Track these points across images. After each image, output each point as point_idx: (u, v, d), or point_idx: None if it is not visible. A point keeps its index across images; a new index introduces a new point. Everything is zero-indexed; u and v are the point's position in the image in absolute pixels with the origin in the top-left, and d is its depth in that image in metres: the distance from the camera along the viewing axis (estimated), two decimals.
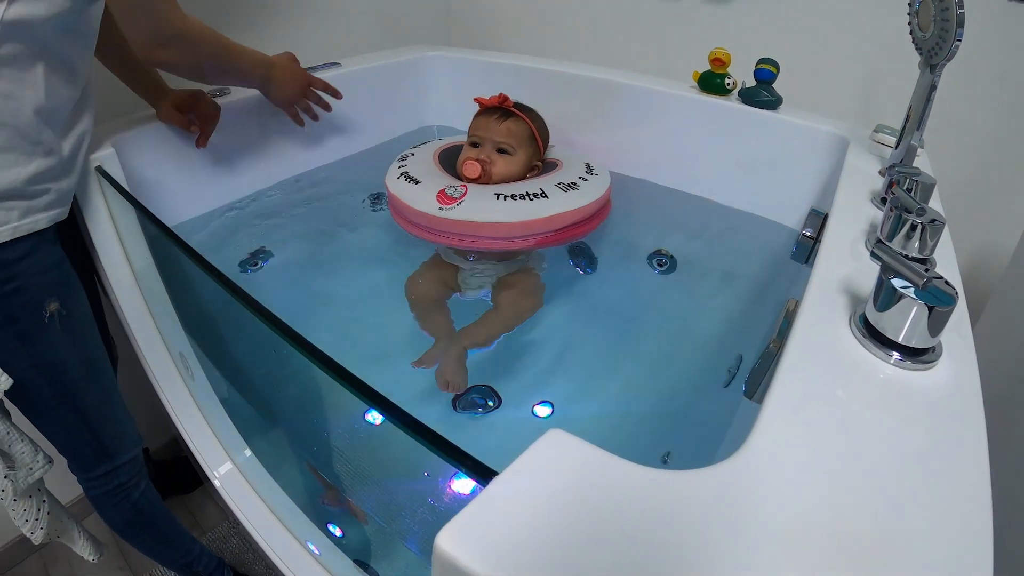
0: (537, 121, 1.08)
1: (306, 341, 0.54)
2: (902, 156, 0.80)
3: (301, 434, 0.90)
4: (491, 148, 1.03)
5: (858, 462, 0.39)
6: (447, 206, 0.94)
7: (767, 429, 0.41)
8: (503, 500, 0.33)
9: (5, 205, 0.69)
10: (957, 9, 0.70)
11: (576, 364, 0.98)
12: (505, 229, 0.94)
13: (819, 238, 0.77)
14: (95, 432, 0.88)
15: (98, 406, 0.87)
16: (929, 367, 0.49)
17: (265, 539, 0.87)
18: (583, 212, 0.99)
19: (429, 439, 0.38)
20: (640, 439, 0.85)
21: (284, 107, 1.13)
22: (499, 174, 1.02)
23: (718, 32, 1.34)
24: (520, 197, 0.95)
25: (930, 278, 0.48)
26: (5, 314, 0.72)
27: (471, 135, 1.06)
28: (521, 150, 1.04)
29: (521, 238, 0.96)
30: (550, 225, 0.96)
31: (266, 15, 1.35)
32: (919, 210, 0.60)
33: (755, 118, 1.05)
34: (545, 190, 0.97)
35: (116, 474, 0.92)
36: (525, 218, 0.94)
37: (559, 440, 0.37)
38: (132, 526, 0.99)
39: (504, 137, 1.02)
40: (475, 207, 0.94)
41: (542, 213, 0.95)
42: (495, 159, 1.02)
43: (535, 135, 1.06)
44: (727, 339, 0.95)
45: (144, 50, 0.85)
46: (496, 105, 1.06)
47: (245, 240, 1.11)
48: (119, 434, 0.92)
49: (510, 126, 1.03)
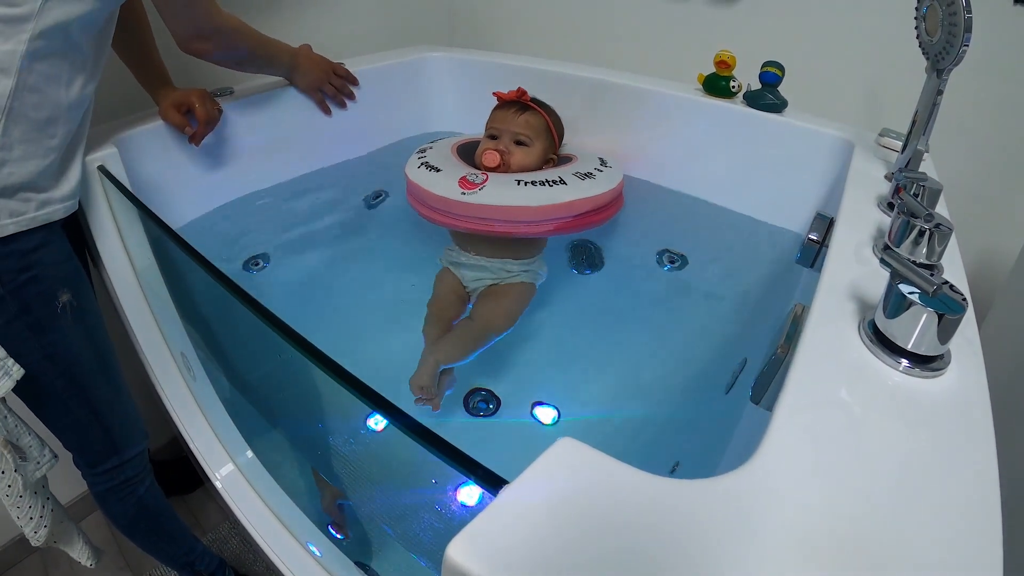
0: (553, 115, 1.11)
1: (309, 343, 0.54)
2: (908, 160, 0.80)
3: (303, 436, 0.89)
4: (509, 139, 1.06)
5: (868, 471, 0.39)
6: (469, 191, 0.98)
7: (777, 438, 0.40)
8: (514, 510, 0.33)
9: (23, 196, 0.71)
10: (965, 14, 0.70)
11: (579, 365, 0.98)
12: (527, 213, 0.98)
13: (825, 242, 0.77)
14: (105, 425, 0.89)
15: (108, 399, 0.88)
16: (938, 374, 0.49)
17: (266, 540, 0.86)
18: (600, 200, 1.02)
19: (438, 447, 0.38)
20: (644, 443, 0.85)
21: (311, 93, 1.21)
22: (517, 164, 1.05)
23: (723, 34, 1.34)
24: (540, 184, 0.99)
25: (940, 285, 0.47)
26: (20, 304, 0.73)
27: (489, 128, 1.09)
28: (538, 142, 1.06)
29: (541, 222, 0.99)
30: (569, 211, 0.99)
31: (267, 14, 1.35)
32: (927, 216, 0.60)
33: (760, 121, 1.05)
34: (563, 178, 1.00)
35: (123, 468, 0.93)
36: (545, 203, 0.97)
37: (570, 448, 0.37)
38: (136, 522, 0.99)
39: (522, 129, 1.05)
40: (497, 192, 0.97)
41: (561, 199, 0.98)
42: (513, 150, 1.05)
43: (551, 128, 1.09)
44: (731, 343, 0.95)
45: (185, 42, 0.93)
46: (514, 99, 1.09)
47: (247, 241, 1.11)
48: (128, 428, 0.92)
49: (528, 119, 1.06)
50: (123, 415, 0.91)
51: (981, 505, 0.38)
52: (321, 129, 1.27)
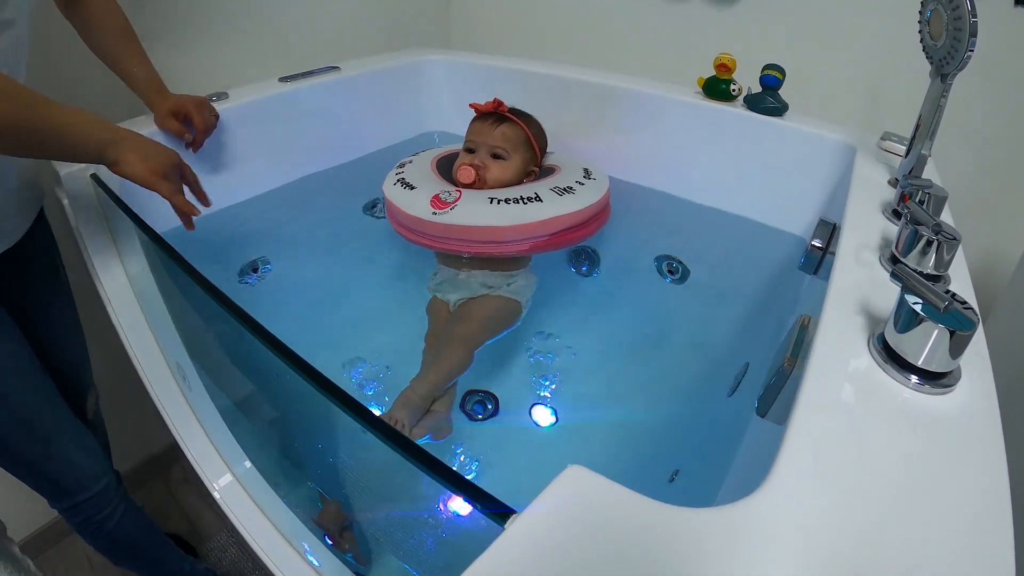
0: (533, 126, 1.07)
1: (299, 357, 0.53)
2: (912, 166, 0.79)
3: (300, 450, 0.88)
4: (486, 153, 1.02)
5: (880, 495, 0.38)
6: (440, 211, 0.94)
7: (790, 463, 0.40)
8: (523, 543, 0.32)
9: None
10: (970, 18, 0.69)
11: (578, 367, 0.97)
12: (498, 233, 0.93)
13: (828, 249, 0.76)
14: (44, 476, 0.87)
15: (41, 455, 0.86)
16: (948, 391, 0.48)
17: (265, 551, 0.85)
18: (579, 216, 0.98)
19: (443, 475, 0.37)
20: (644, 448, 0.84)
21: (146, 187, 0.83)
22: (494, 179, 1.01)
23: (723, 35, 1.33)
24: (514, 201, 0.94)
25: (951, 302, 0.47)
26: None
27: (466, 141, 1.05)
28: (516, 155, 1.02)
29: (515, 242, 0.95)
30: (544, 229, 0.95)
31: (262, 18, 1.33)
32: (935, 226, 0.60)
33: (761, 125, 1.04)
34: (540, 194, 0.96)
35: (81, 509, 0.92)
36: (518, 222, 0.93)
37: (579, 477, 0.36)
38: (112, 552, 0.99)
39: (498, 142, 1.01)
40: (468, 211, 0.93)
41: (536, 217, 0.93)
42: (489, 164, 1.01)
43: (530, 140, 1.05)
44: (733, 348, 0.95)
45: None
46: (491, 110, 1.05)
47: (243, 247, 1.09)
48: (72, 475, 0.90)
49: (504, 131, 1.02)
50: (64, 463, 0.89)
51: (995, 525, 0.37)
52: (318, 133, 1.25)
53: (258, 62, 1.34)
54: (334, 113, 1.18)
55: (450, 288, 1.00)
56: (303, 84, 1.22)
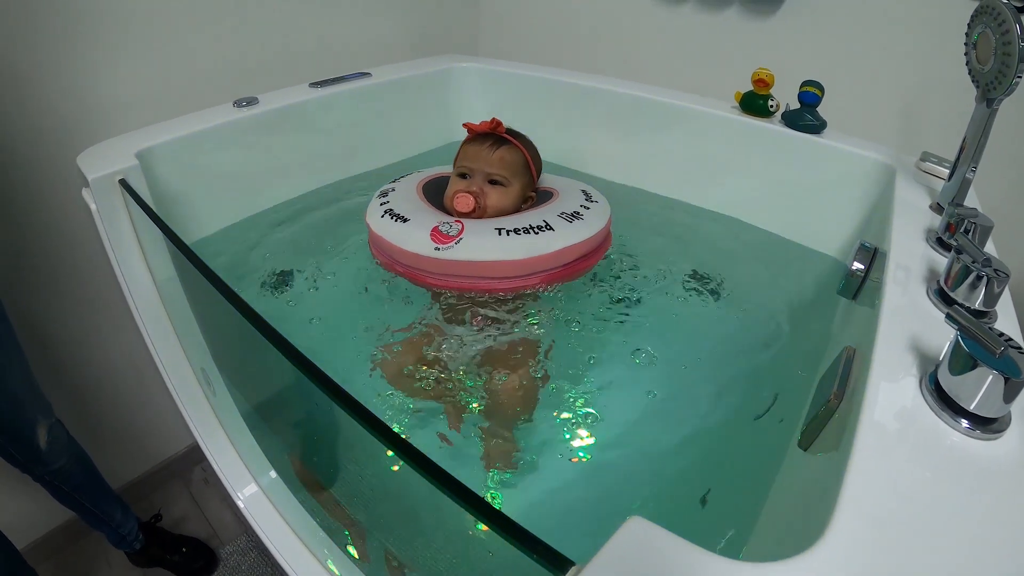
0: (531, 149, 1.00)
1: (340, 388, 0.51)
2: (955, 192, 0.77)
3: (329, 468, 0.87)
4: (482, 179, 0.93)
5: (936, 551, 0.38)
6: (444, 245, 0.85)
7: (848, 516, 0.39)
8: None
9: None
10: (1020, 43, 0.67)
11: (604, 384, 0.95)
12: (512, 267, 0.86)
13: (868, 275, 0.74)
14: None
15: None
16: (998, 436, 0.47)
17: (289, 563, 0.85)
18: (590, 243, 0.91)
19: (497, 523, 0.36)
20: (671, 469, 0.83)
21: None
22: (493, 207, 0.93)
23: (760, 48, 1.29)
24: (524, 231, 0.87)
25: (1006, 347, 0.45)
26: None
27: (459, 165, 0.96)
28: (516, 180, 0.94)
29: (527, 276, 0.88)
30: (559, 260, 0.88)
31: (295, 22, 1.33)
32: (984, 260, 0.58)
33: (799, 143, 1.02)
34: (549, 222, 0.89)
35: None
36: (533, 254, 0.86)
37: (640, 530, 0.35)
38: None
39: (497, 168, 0.93)
40: (476, 245, 0.85)
41: (550, 247, 0.86)
42: (488, 191, 0.93)
43: (529, 164, 0.98)
44: (763, 369, 0.93)
45: None
46: (489, 131, 0.97)
47: (271, 256, 1.08)
48: None
49: (503, 155, 0.94)
50: None
51: None
52: (348, 139, 1.25)
53: (289, 67, 1.34)
54: (365, 120, 1.16)
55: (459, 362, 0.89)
56: (334, 90, 1.21)
